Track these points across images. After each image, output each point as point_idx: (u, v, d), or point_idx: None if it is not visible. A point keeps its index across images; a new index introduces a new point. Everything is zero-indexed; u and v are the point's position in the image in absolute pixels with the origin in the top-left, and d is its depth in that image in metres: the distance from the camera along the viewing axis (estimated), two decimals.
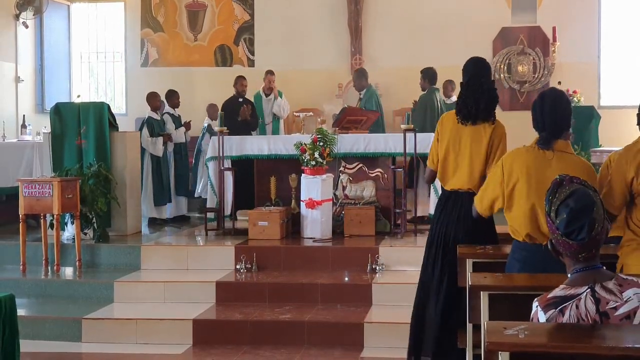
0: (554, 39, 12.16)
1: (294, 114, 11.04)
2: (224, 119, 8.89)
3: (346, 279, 7.42)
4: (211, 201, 9.23)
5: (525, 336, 2.45)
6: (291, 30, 12.91)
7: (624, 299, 2.53)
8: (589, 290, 2.56)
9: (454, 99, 11.57)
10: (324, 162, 8.29)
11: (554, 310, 2.57)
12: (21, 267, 7.95)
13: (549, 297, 2.62)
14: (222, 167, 8.86)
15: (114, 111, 9.53)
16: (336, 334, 6.46)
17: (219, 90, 11.31)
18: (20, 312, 5.86)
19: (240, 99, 10.63)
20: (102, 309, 7.11)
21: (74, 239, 8.18)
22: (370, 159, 8.87)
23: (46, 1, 12.76)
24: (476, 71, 4.86)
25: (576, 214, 2.59)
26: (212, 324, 6.72)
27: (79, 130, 8.90)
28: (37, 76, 12.84)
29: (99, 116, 8.88)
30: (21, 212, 7.85)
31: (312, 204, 8.26)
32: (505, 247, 4.32)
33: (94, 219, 8.45)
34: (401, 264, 7.62)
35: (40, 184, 7.83)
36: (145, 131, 9.87)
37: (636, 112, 3.95)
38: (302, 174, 8.39)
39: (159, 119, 10.17)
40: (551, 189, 2.69)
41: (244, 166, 9.48)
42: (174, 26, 13.36)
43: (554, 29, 12.14)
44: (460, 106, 4.87)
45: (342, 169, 8.89)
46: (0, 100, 11.82)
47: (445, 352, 4.82)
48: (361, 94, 10.65)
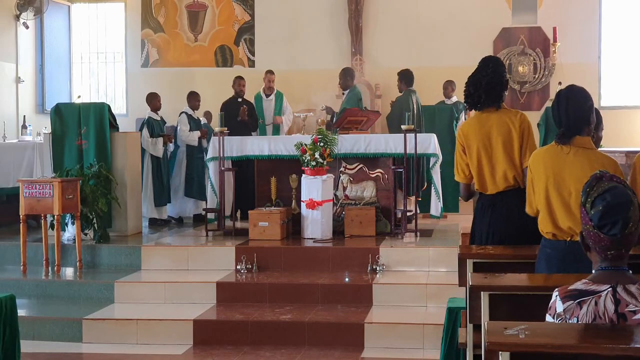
0: (555, 40, 12.17)
1: (294, 114, 11.03)
2: (224, 120, 8.89)
3: (347, 279, 7.42)
4: (212, 201, 9.23)
5: (525, 336, 2.44)
6: (292, 30, 12.92)
7: None
8: (611, 289, 2.55)
9: (455, 99, 11.59)
10: (325, 163, 8.29)
11: (572, 302, 2.57)
12: (22, 267, 7.95)
13: (569, 288, 2.61)
14: (223, 168, 8.86)
15: (115, 112, 9.55)
16: (337, 335, 6.46)
17: (219, 90, 11.32)
18: (20, 312, 5.87)
19: (239, 99, 10.63)
20: (103, 310, 7.11)
21: (74, 239, 8.18)
22: (370, 160, 8.87)
23: (47, 2, 12.77)
24: (481, 65, 4.85)
25: (612, 208, 2.58)
26: (213, 325, 6.72)
27: (80, 130, 8.91)
28: (37, 77, 12.85)
29: (100, 117, 8.88)
30: (22, 212, 7.85)
31: (312, 205, 8.26)
32: (506, 247, 4.31)
33: (95, 219, 8.45)
34: (402, 265, 7.62)
35: (40, 184, 7.83)
36: (145, 132, 9.87)
37: None
38: (303, 175, 8.39)
39: (158, 119, 10.16)
40: (589, 182, 2.68)
41: (244, 167, 9.49)
42: (175, 27, 13.37)
43: (555, 29, 12.15)
44: (465, 94, 4.82)
45: (342, 169, 8.89)
46: (0, 100, 11.83)
47: None
48: (344, 93, 10.67)
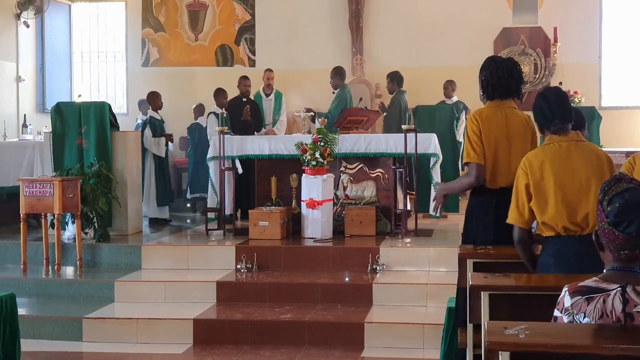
0: (555, 40, 12.17)
1: (295, 113, 11.03)
2: (228, 119, 8.91)
3: (347, 279, 7.42)
4: (212, 201, 9.23)
5: (525, 336, 2.45)
6: (292, 30, 12.92)
7: None
8: (620, 289, 2.56)
9: (455, 99, 11.60)
10: (325, 162, 8.29)
11: (580, 297, 2.58)
12: (22, 266, 7.95)
13: (579, 284, 2.62)
14: (223, 167, 8.86)
15: (115, 111, 9.54)
16: (337, 334, 6.46)
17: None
18: (21, 311, 5.87)
19: (244, 99, 10.63)
20: (103, 309, 7.11)
21: (74, 238, 8.18)
22: (371, 159, 8.87)
23: (47, 1, 12.77)
24: (492, 59, 4.85)
25: (630, 206, 2.58)
26: (213, 324, 6.73)
27: (80, 129, 8.90)
28: (38, 76, 12.85)
29: (100, 116, 8.88)
30: (22, 211, 7.85)
31: (312, 204, 8.26)
32: (507, 247, 4.32)
33: (95, 218, 8.45)
34: (402, 265, 7.63)
35: (41, 183, 7.83)
36: (148, 131, 9.88)
37: None
38: (303, 174, 8.39)
39: (159, 118, 10.16)
40: (609, 181, 2.69)
41: (244, 166, 9.50)
42: (175, 26, 13.37)
43: (555, 29, 12.14)
44: (486, 85, 4.74)
45: (343, 169, 8.89)
46: (1, 99, 11.82)
47: None
48: (334, 93, 10.70)
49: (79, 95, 12.51)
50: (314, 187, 8.28)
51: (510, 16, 12.65)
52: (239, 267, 7.71)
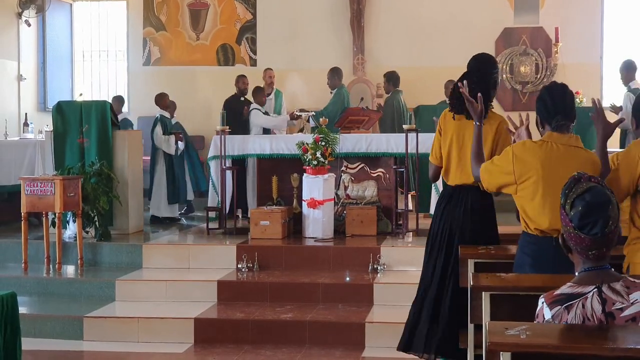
0: (557, 40, 12.16)
1: (295, 113, 11.02)
2: (225, 118, 8.90)
3: (347, 278, 7.42)
4: (213, 200, 9.23)
5: (526, 337, 2.45)
6: (293, 29, 12.92)
7: (631, 301, 2.54)
8: (596, 290, 2.56)
9: None
10: (326, 162, 8.30)
11: (559, 307, 2.58)
12: (23, 265, 7.95)
13: (555, 293, 2.62)
14: (224, 167, 8.86)
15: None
16: (337, 334, 6.46)
17: (221, 89, 11.32)
18: (21, 310, 5.86)
19: (242, 98, 10.63)
20: (104, 308, 7.12)
21: (75, 237, 8.18)
22: (372, 159, 8.87)
23: (48, 0, 12.77)
24: (470, 68, 4.84)
25: (592, 208, 2.59)
26: (214, 323, 6.73)
27: (81, 128, 8.91)
28: (39, 74, 12.86)
29: (101, 115, 8.89)
30: (23, 210, 7.85)
31: (313, 204, 8.27)
32: (508, 247, 4.32)
33: (96, 217, 8.45)
34: (403, 264, 7.62)
35: (42, 182, 7.83)
36: (158, 129, 9.89)
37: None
38: (304, 174, 8.39)
39: (169, 117, 10.20)
40: (568, 183, 2.69)
41: (243, 166, 9.49)
42: (177, 25, 13.37)
43: (557, 29, 12.13)
44: (450, 101, 4.90)
45: (344, 168, 8.89)
46: (2, 98, 11.83)
47: (450, 352, 4.77)
48: (332, 93, 10.71)
49: (80, 94, 12.52)
50: (315, 186, 8.28)
51: (511, 16, 12.65)
52: (240, 266, 7.70)
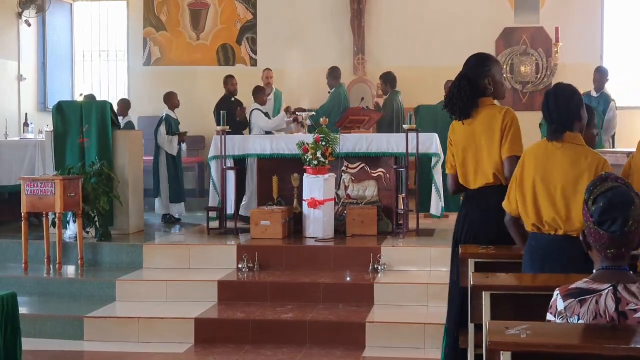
0: (557, 40, 12.15)
1: (296, 112, 11.02)
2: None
3: (348, 278, 7.42)
4: (213, 200, 9.23)
5: (527, 336, 2.45)
6: (293, 29, 12.91)
7: None
8: (611, 288, 2.57)
9: None
10: (326, 162, 8.30)
11: (572, 299, 2.58)
12: (23, 265, 7.95)
13: (570, 287, 2.63)
14: (224, 167, 8.86)
15: (116, 110, 9.54)
16: (338, 334, 6.46)
17: (221, 89, 11.29)
18: (22, 310, 5.86)
19: (232, 99, 10.61)
20: (104, 308, 7.12)
21: (76, 237, 8.18)
22: (372, 159, 8.87)
23: None
24: (464, 69, 4.80)
25: (613, 205, 2.60)
26: (214, 323, 6.73)
27: (81, 128, 8.91)
28: (39, 74, 12.85)
29: (102, 114, 8.89)
30: (23, 210, 7.85)
31: (314, 204, 8.26)
32: (508, 247, 4.31)
33: (96, 217, 8.45)
34: (403, 264, 7.62)
35: (42, 182, 7.83)
36: (162, 128, 9.90)
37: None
38: (305, 174, 8.39)
39: (176, 117, 10.20)
40: (594, 181, 2.71)
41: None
42: (177, 25, 13.37)
43: (557, 29, 12.12)
44: (448, 104, 4.81)
45: (344, 168, 8.89)
46: (2, 98, 11.83)
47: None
48: (330, 92, 10.70)
49: (81, 94, 12.50)
50: (315, 186, 8.28)
51: (511, 16, 12.64)
52: (240, 266, 7.70)
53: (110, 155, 8.83)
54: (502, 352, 2.45)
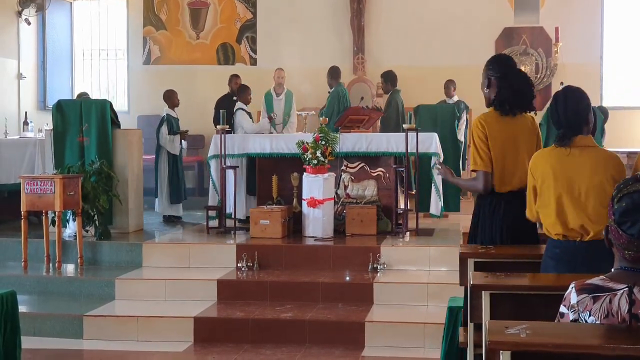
0: (557, 40, 12.16)
1: (296, 112, 11.03)
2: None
3: (347, 278, 7.42)
4: (213, 199, 9.23)
5: (526, 335, 2.44)
6: (293, 28, 12.92)
7: None
8: (627, 289, 2.55)
9: (456, 98, 11.59)
10: (326, 161, 8.30)
11: (586, 295, 2.58)
12: (23, 264, 7.95)
13: (586, 282, 2.62)
14: (224, 166, 8.86)
15: (116, 108, 9.53)
16: (337, 333, 6.46)
17: (221, 88, 11.31)
18: (21, 308, 5.87)
19: (234, 98, 10.60)
20: (104, 306, 7.12)
21: (75, 236, 8.18)
22: (372, 158, 8.87)
23: None
24: (510, 65, 4.71)
25: (636, 207, 2.58)
26: (214, 322, 6.73)
27: (81, 127, 8.90)
28: (39, 73, 12.85)
29: (101, 113, 8.88)
30: (23, 209, 7.85)
31: (313, 203, 8.26)
32: (508, 247, 4.31)
33: (96, 216, 8.45)
34: (403, 264, 7.63)
35: (42, 181, 7.83)
36: (164, 128, 9.86)
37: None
38: (304, 173, 8.39)
39: (176, 116, 10.17)
40: (626, 180, 2.68)
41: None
42: (177, 24, 13.37)
43: (557, 29, 12.13)
44: (502, 99, 4.54)
45: (344, 168, 8.89)
46: (2, 97, 11.83)
47: None
48: (329, 92, 10.71)
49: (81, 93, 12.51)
50: (315, 186, 8.28)
51: (511, 16, 12.65)
52: (239, 265, 7.71)
53: (110, 154, 8.83)
54: (501, 351, 2.44)
